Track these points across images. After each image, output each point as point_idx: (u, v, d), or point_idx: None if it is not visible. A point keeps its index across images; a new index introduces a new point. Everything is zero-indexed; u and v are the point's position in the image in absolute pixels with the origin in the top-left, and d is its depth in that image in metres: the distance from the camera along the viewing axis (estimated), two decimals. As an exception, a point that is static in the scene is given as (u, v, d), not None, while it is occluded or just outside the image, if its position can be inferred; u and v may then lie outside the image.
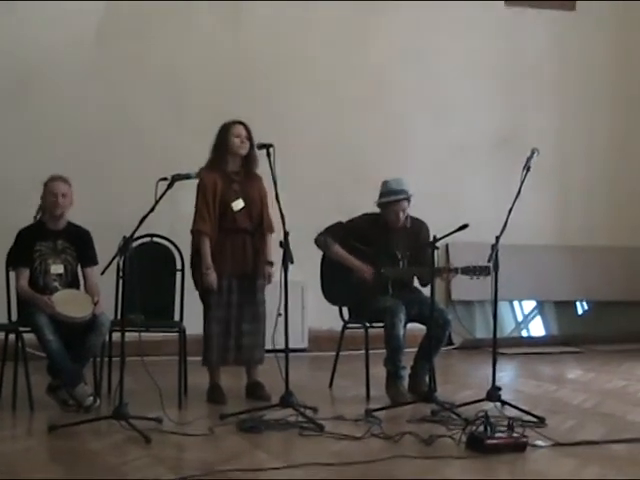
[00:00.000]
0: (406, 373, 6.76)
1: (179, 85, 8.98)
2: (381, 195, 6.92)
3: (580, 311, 10.32)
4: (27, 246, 6.43)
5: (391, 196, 6.86)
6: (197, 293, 6.72)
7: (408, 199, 6.88)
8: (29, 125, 8.56)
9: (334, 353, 7.19)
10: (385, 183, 6.93)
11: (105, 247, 6.19)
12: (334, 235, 6.97)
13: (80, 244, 6.54)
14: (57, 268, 6.47)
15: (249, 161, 6.71)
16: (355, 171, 9.12)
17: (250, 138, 6.65)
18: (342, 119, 9.44)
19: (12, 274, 6.49)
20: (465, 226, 6.18)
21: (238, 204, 6.65)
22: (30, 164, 8.18)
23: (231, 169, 6.70)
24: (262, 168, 6.47)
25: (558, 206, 10.29)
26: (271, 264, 6.64)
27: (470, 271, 6.53)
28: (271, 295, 6.63)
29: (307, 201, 8.81)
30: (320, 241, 7.01)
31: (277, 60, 9.22)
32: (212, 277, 6.57)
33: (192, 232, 6.67)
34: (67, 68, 8.67)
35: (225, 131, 6.67)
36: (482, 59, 9.91)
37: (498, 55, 9.99)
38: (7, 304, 6.46)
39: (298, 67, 9.31)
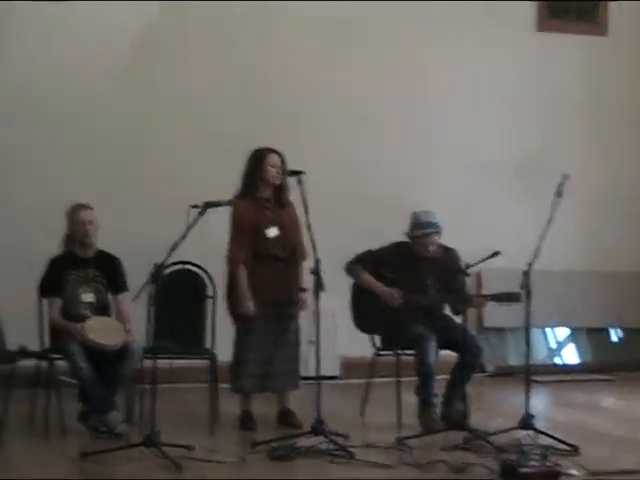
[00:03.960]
0: (438, 401, 6.72)
1: (204, 113, 9.00)
2: (412, 228, 6.90)
3: (614, 338, 10.23)
4: (58, 275, 6.48)
5: (421, 230, 6.85)
6: (229, 320, 6.72)
7: (438, 232, 6.88)
8: (55, 154, 8.63)
9: (366, 381, 7.16)
10: (415, 215, 6.93)
11: (136, 274, 6.21)
12: (364, 263, 6.97)
13: (110, 272, 6.58)
14: (88, 296, 6.50)
15: (282, 189, 6.71)
16: (383, 197, 9.09)
17: (284, 167, 6.66)
18: (368, 144, 9.42)
19: (45, 302, 6.52)
20: (497, 253, 6.18)
21: (272, 231, 6.65)
22: (57, 190, 8.23)
23: (263, 196, 6.70)
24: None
25: (587, 231, 10.20)
26: (304, 290, 6.63)
27: (501, 298, 6.51)
28: (302, 322, 6.76)
29: (337, 228, 8.79)
30: (350, 269, 7.01)
31: (298, 84, 9.24)
32: (250, 304, 6.55)
33: (228, 260, 6.67)
34: (93, 100, 8.74)
35: (260, 159, 6.66)
36: (508, 83, 9.88)
37: (525, 80, 9.97)
38: (40, 332, 6.48)
39: (319, 90, 9.30)
